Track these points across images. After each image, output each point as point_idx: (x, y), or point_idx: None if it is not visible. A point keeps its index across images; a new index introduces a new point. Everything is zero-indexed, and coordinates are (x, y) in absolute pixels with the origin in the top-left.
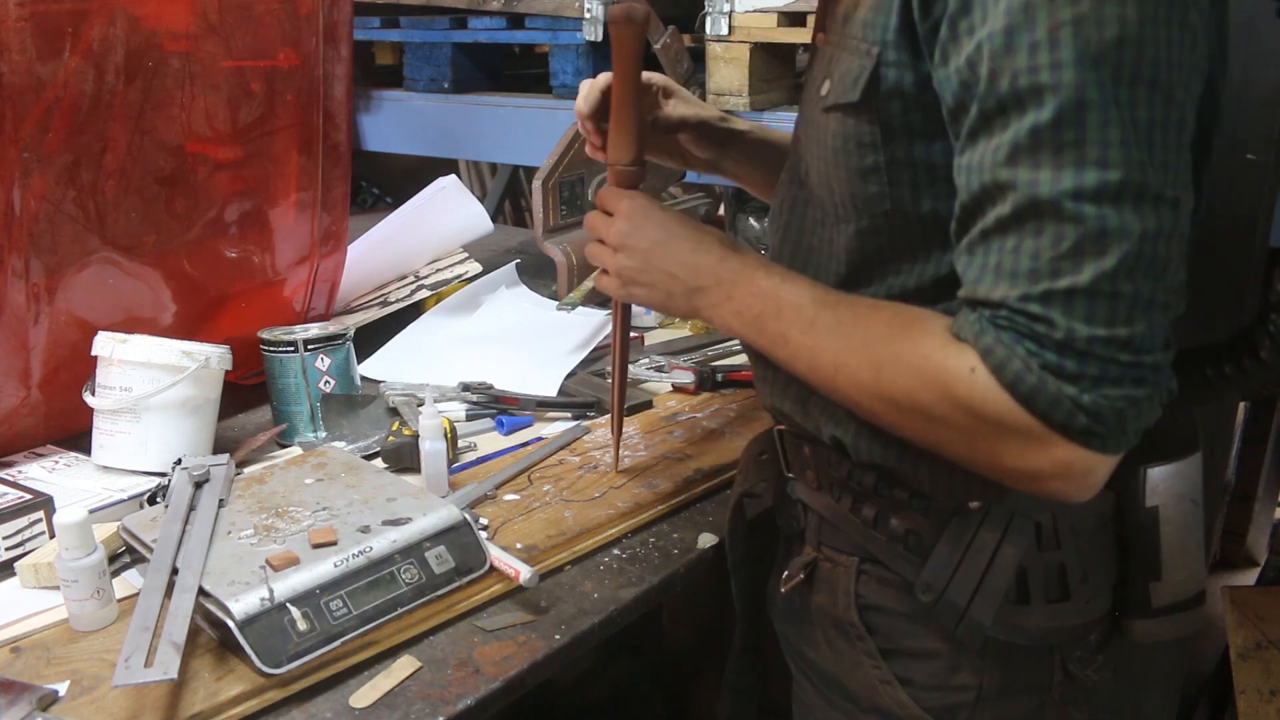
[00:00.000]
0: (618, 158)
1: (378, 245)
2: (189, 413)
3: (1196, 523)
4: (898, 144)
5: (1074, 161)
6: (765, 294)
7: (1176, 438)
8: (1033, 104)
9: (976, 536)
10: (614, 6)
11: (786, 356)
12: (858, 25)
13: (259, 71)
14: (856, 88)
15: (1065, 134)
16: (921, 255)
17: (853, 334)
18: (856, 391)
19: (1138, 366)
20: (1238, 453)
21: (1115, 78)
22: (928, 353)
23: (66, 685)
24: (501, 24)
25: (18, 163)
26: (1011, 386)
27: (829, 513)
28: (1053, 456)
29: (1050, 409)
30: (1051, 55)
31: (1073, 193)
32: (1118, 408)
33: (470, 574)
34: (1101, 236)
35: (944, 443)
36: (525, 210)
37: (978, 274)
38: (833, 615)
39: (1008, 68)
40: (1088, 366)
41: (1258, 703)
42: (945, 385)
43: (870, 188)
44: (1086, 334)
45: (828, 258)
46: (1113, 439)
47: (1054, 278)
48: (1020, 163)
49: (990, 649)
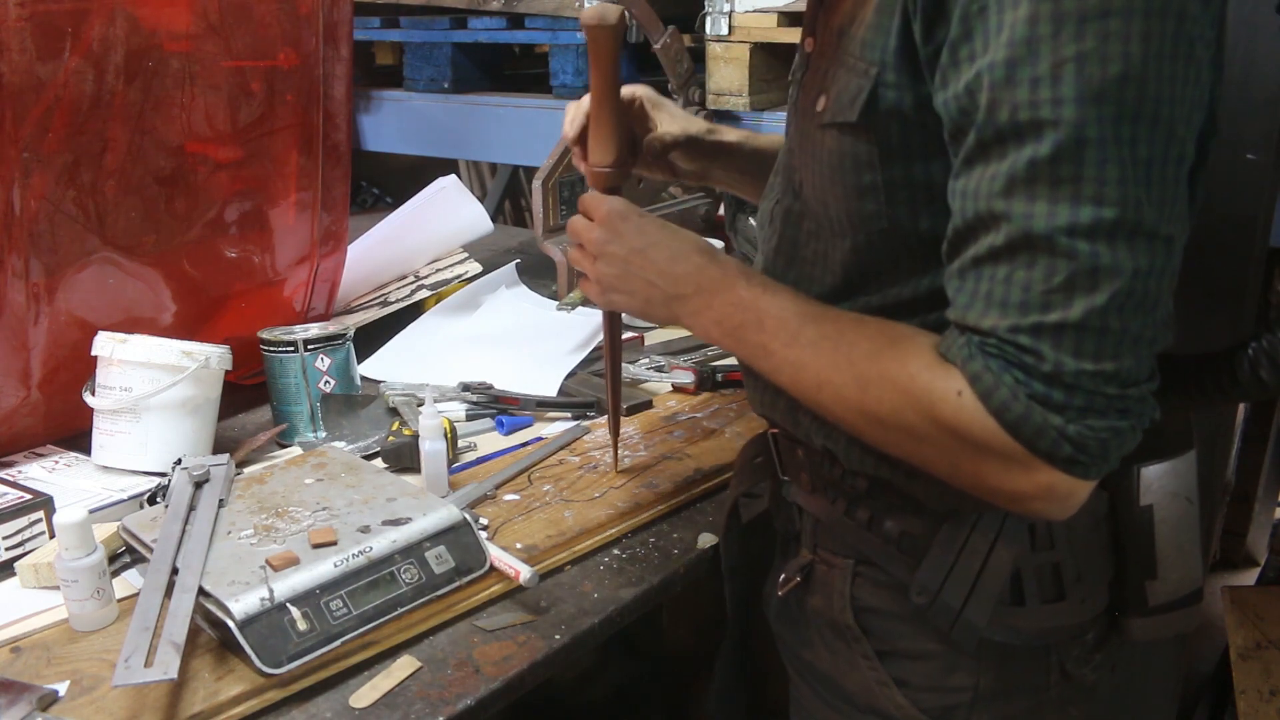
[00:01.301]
0: (597, 160)
1: (378, 245)
2: (189, 413)
3: (1192, 521)
4: (896, 163)
5: (1070, 197)
6: (746, 305)
7: (1171, 436)
8: (1031, 138)
9: (970, 538)
10: (587, 9)
11: (769, 369)
12: (856, 44)
13: (259, 71)
14: (855, 108)
15: (1063, 170)
16: (919, 269)
17: (837, 349)
18: (841, 408)
19: (1123, 399)
20: (1238, 453)
21: (1117, 115)
22: (914, 372)
23: (66, 685)
24: (501, 24)
25: (18, 163)
26: (998, 413)
27: (824, 515)
28: (1035, 480)
29: (1035, 437)
30: (1053, 91)
31: (1067, 229)
32: (1101, 438)
33: (470, 574)
34: (1093, 273)
35: (928, 461)
36: (525, 210)
37: (968, 300)
38: (829, 617)
39: (1008, 100)
40: (1074, 398)
41: (1258, 703)
42: (931, 407)
43: (867, 206)
44: (1074, 368)
45: (822, 270)
46: (1095, 466)
47: (1044, 311)
48: (1016, 195)
49: (986, 650)
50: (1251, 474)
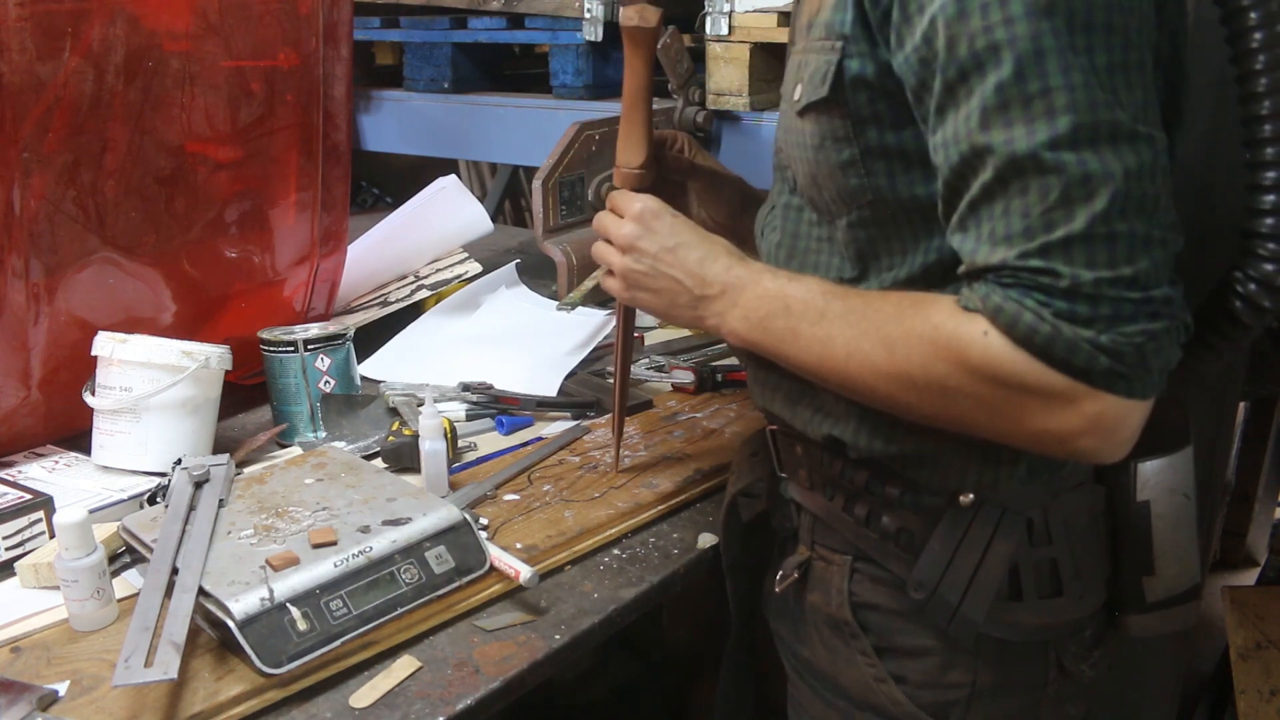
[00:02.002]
0: (626, 160)
1: (378, 245)
2: (189, 413)
3: (1189, 517)
4: (869, 134)
5: (1044, 112)
6: (772, 295)
7: (1168, 432)
8: (992, 63)
9: (968, 533)
10: (627, 9)
11: (795, 352)
12: (820, 27)
13: (259, 71)
14: (825, 84)
15: (1030, 85)
16: (911, 245)
17: (864, 318)
18: (871, 375)
19: (1149, 302)
20: (1238, 453)
21: (1069, 25)
22: (938, 323)
23: (66, 685)
24: (501, 24)
25: (18, 163)
26: (1026, 341)
27: (822, 511)
28: (1081, 412)
29: (1069, 355)
30: (1003, 11)
31: (1049, 143)
32: (1137, 343)
33: (470, 574)
34: (1086, 181)
35: (966, 415)
36: (525, 210)
37: (974, 245)
38: (827, 614)
39: (964, 33)
40: (1100, 308)
41: (1258, 703)
42: (959, 352)
43: (851, 180)
44: (1092, 277)
45: (828, 256)
46: (1139, 380)
47: (1049, 230)
48: (993, 125)
49: (983, 646)
50: (1251, 474)
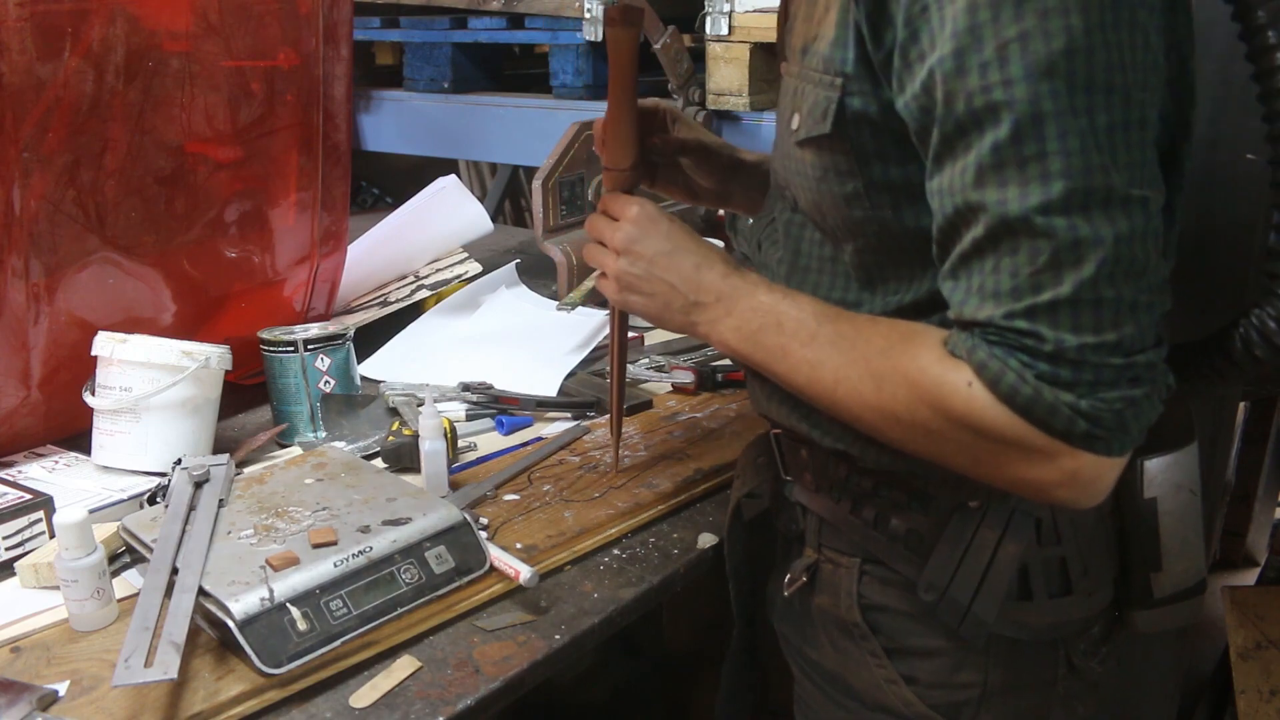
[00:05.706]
0: (615, 161)
1: (378, 245)
2: (189, 413)
3: (1195, 512)
4: (874, 169)
5: (1038, 176)
6: (766, 309)
7: (1172, 429)
8: (990, 122)
9: (977, 534)
10: (609, 7)
11: (785, 370)
12: (818, 59)
13: (259, 71)
14: (826, 120)
15: (1026, 148)
16: (920, 271)
17: (854, 347)
18: (858, 405)
19: (1131, 367)
20: (1238, 453)
21: (1069, 87)
22: (924, 366)
23: (66, 685)
24: (501, 24)
25: (18, 163)
26: (1008, 399)
27: (829, 514)
28: (1060, 467)
29: (1049, 417)
30: (1002, 73)
31: (1040, 208)
32: (1116, 409)
33: (470, 574)
34: (1075, 247)
35: (948, 457)
36: (525, 210)
37: (963, 297)
38: (835, 616)
39: (961, 90)
40: (1082, 373)
41: (1258, 703)
42: (943, 400)
43: (855, 212)
44: (1076, 343)
45: (831, 275)
46: (1116, 441)
47: (1036, 293)
48: (987, 183)
49: (994, 645)
50: (1251, 474)
